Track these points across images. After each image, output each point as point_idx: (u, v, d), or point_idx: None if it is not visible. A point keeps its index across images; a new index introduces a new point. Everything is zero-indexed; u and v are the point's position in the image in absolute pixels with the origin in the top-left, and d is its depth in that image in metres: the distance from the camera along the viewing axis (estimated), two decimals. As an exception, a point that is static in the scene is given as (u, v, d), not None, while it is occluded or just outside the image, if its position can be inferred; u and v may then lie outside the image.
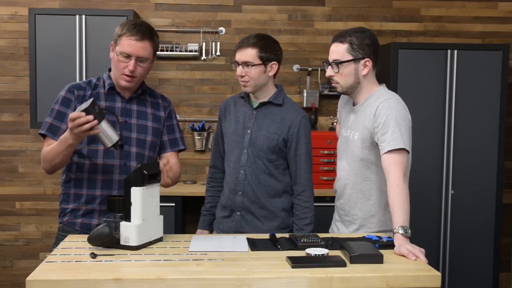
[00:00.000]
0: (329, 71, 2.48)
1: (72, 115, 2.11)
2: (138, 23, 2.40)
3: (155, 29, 2.53)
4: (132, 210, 2.05)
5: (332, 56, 2.46)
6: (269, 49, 2.62)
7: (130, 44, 2.35)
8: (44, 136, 2.42)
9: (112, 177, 2.41)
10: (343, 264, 1.88)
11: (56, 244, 2.46)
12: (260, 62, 2.60)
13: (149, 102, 2.54)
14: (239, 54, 2.63)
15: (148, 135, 2.48)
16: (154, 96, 2.58)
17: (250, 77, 2.61)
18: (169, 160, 2.33)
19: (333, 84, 2.53)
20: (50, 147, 2.33)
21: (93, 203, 2.42)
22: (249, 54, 2.60)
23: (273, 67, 2.65)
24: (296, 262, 1.88)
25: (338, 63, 2.43)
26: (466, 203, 4.13)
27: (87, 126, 2.10)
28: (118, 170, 2.42)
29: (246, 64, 2.60)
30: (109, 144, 2.19)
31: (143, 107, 2.51)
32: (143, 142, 2.47)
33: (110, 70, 2.49)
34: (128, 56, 2.36)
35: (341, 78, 2.46)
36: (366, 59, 2.43)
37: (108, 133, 2.18)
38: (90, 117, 2.09)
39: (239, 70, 2.63)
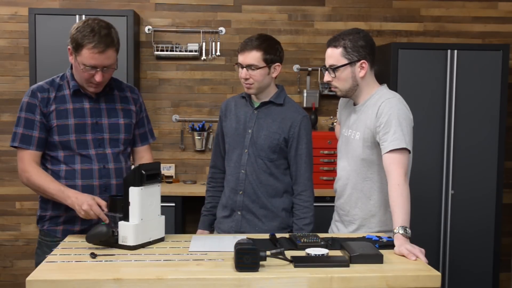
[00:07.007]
0: (327, 77, 2.48)
1: (95, 210, 2.16)
2: (96, 29, 2.21)
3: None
4: (130, 210, 2.05)
5: (328, 62, 2.45)
6: (272, 50, 2.61)
7: (93, 57, 2.20)
8: (16, 147, 2.32)
9: (92, 182, 2.34)
10: (346, 264, 1.88)
11: (39, 249, 2.41)
12: (265, 65, 2.59)
13: (118, 96, 2.45)
14: (243, 56, 2.59)
15: (121, 133, 2.42)
16: (121, 89, 2.48)
17: (254, 80, 2.59)
18: (143, 156, 2.53)
19: (332, 89, 2.52)
20: (44, 182, 2.28)
21: (73, 210, 2.28)
22: (254, 57, 2.57)
23: (276, 68, 2.64)
24: (298, 262, 1.88)
25: (334, 68, 2.42)
26: (466, 203, 4.13)
27: (94, 216, 2.18)
28: (97, 174, 2.35)
29: (250, 67, 2.58)
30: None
31: (112, 103, 2.42)
32: (116, 141, 2.41)
33: (72, 67, 2.37)
34: (93, 68, 2.23)
35: (339, 82, 2.45)
36: (362, 61, 2.42)
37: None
38: (105, 217, 2.16)
39: (244, 72, 2.59)
